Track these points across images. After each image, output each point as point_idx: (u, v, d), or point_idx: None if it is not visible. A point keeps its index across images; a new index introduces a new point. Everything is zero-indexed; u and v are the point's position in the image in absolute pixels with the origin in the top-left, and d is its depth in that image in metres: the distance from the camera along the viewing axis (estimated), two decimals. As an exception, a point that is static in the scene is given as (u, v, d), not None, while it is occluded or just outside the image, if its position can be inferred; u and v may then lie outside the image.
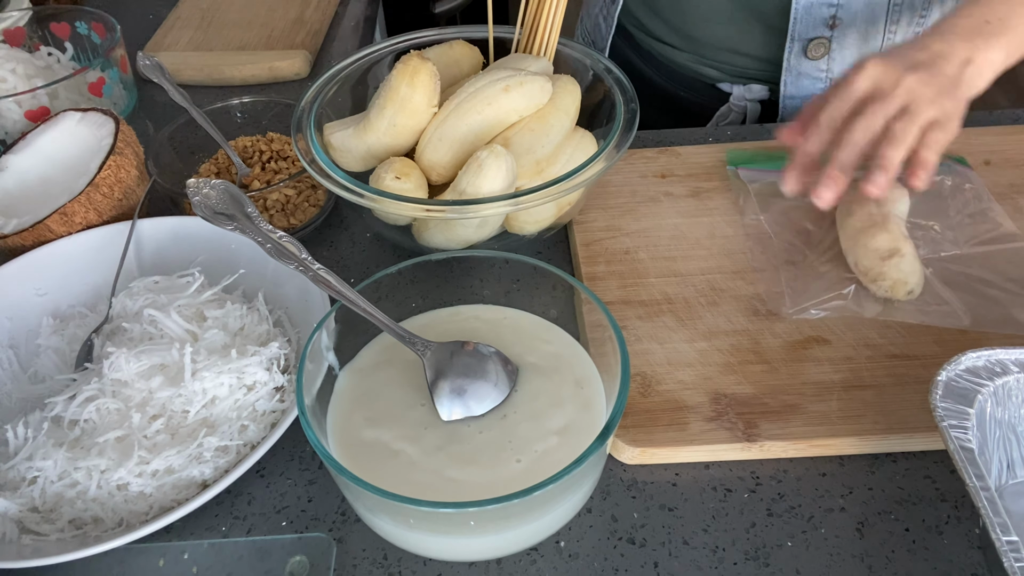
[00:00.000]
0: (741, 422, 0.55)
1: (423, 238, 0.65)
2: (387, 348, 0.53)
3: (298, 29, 1.03)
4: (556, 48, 0.70)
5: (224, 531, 0.52)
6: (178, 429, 0.53)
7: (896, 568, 0.49)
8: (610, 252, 0.68)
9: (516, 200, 0.58)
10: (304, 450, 0.57)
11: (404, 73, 0.61)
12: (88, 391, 0.54)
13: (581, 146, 0.65)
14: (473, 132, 0.62)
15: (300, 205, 0.72)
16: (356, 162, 0.66)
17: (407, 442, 0.48)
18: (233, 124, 0.80)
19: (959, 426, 0.46)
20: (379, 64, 0.74)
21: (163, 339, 0.57)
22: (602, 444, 0.43)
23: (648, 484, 0.54)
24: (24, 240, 0.65)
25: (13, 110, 0.81)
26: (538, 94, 0.63)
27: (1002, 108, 0.83)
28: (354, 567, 0.50)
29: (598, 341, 0.51)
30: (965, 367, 0.49)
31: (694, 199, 0.73)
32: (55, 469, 0.51)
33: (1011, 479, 0.49)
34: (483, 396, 0.49)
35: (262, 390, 0.55)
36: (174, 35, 1.03)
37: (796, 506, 0.52)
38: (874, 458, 0.54)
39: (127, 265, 0.65)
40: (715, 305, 0.63)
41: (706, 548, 0.50)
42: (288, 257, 0.52)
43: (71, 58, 0.92)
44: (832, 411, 0.55)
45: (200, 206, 0.56)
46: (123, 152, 0.68)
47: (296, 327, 0.61)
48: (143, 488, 0.51)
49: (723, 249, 0.68)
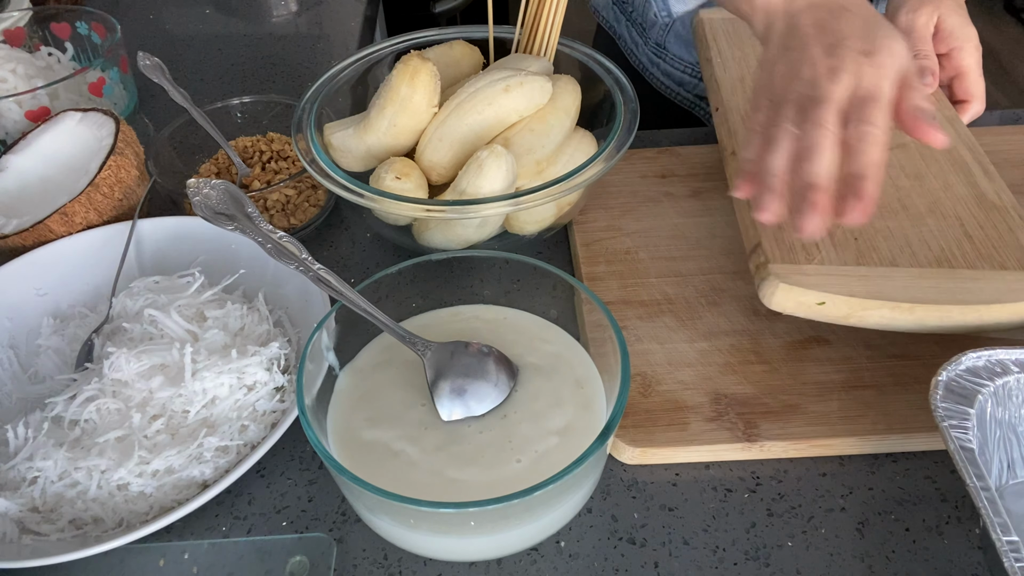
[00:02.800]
0: (741, 422, 0.55)
1: (423, 238, 0.65)
2: (387, 348, 0.53)
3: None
4: (556, 48, 0.70)
5: (224, 531, 0.52)
6: (178, 429, 0.53)
7: (896, 568, 0.49)
8: (610, 252, 0.68)
9: (516, 200, 0.58)
10: (304, 450, 0.57)
11: (404, 73, 0.61)
12: (88, 391, 0.54)
13: (581, 146, 0.65)
14: (473, 132, 0.62)
15: (300, 205, 0.72)
16: (356, 162, 0.66)
17: (407, 442, 0.48)
18: (233, 124, 0.80)
19: (959, 426, 0.46)
20: (379, 64, 0.74)
21: (163, 339, 0.57)
22: (602, 444, 0.43)
23: (648, 484, 0.54)
24: (24, 240, 0.65)
25: (13, 110, 0.81)
26: (538, 94, 0.63)
27: (1002, 108, 0.83)
28: (354, 567, 0.50)
29: (598, 341, 0.51)
30: (965, 367, 0.49)
31: (694, 199, 0.73)
32: (55, 469, 0.51)
33: (1011, 479, 0.49)
34: (483, 396, 0.49)
35: (262, 390, 0.55)
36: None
37: (796, 506, 0.52)
38: (874, 458, 0.54)
39: (127, 265, 0.65)
40: (715, 305, 0.63)
41: (706, 548, 0.50)
42: (288, 257, 0.52)
43: (71, 58, 0.92)
44: (832, 411, 0.55)
45: (200, 206, 0.56)
46: (123, 152, 0.68)
47: (296, 327, 0.61)
48: (143, 488, 0.51)
49: (723, 249, 0.68)
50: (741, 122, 0.69)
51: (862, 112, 0.50)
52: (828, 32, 0.54)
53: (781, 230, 0.58)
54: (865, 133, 0.49)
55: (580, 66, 0.71)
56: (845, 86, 0.51)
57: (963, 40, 0.71)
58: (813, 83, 0.52)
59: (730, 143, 0.68)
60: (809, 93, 0.51)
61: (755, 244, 0.58)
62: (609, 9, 1.06)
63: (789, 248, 0.57)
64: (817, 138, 0.49)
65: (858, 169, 0.48)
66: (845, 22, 0.54)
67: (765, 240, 0.57)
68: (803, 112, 0.50)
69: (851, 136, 0.49)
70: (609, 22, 1.06)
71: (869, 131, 0.49)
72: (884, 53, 0.52)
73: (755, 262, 0.57)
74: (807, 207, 0.48)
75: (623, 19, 1.03)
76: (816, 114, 0.50)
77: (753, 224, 0.59)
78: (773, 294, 0.55)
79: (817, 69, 0.52)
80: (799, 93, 0.52)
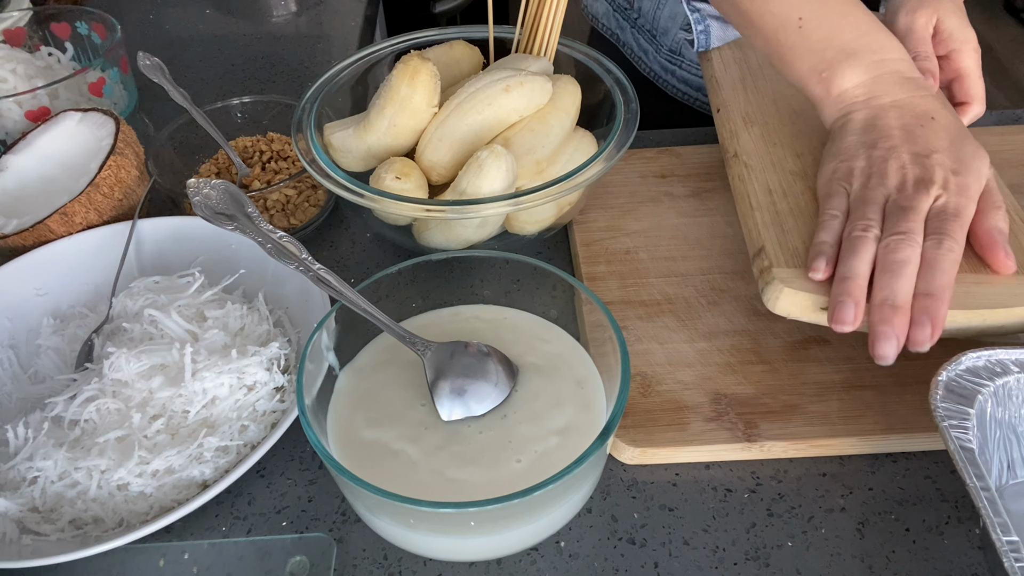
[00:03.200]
0: (741, 422, 0.55)
1: (423, 238, 0.65)
2: (387, 348, 0.53)
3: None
4: (556, 48, 0.70)
5: (224, 531, 0.52)
6: (178, 429, 0.53)
7: (896, 568, 0.49)
8: (610, 252, 0.68)
9: (516, 200, 0.58)
10: (304, 450, 0.57)
11: (404, 73, 0.61)
12: (88, 391, 0.54)
13: (581, 146, 0.65)
14: (473, 132, 0.62)
15: (300, 205, 0.72)
16: (356, 162, 0.66)
17: (407, 442, 0.48)
18: (233, 124, 0.80)
19: (959, 426, 0.46)
20: (379, 64, 0.74)
21: (163, 339, 0.57)
22: (602, 444, 0.43)
23: (648, 484, 0.54)
24: (24, 240, 0.65)
25: (13, 110, 0.81)
26: (538, 94, 0.63)
27: (1002, 108, 0.83)
28: (354, 567, 0.50)
29: (598, 341, 0.51)
30: (965, 367, 0.49)
31: (694, 199, 0.73)
32: (55, 469, 0.51)
33: (1011, 479, 0.49)
34: (483, 396, 0.49)
35: (262, 390, 0.55)
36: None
37: (796, 506, 0.52)
38: (874, 458, 0.54)
39: (127, 265, 0.65)
40: (715, 305, 0.63)
41: (706, 548, 0.50)
42: (288, 257, 0.52)
43: (71, 58, 0.92)
44: (832, 411, 0.55)
45: (200, 206, 0.56)
46: (123, 152, 0.68)
47: (296, 327, 0.61)
48: (143, 488, 0.51)
49: (723, 249, 0.68)
50: (742, 123, 0.69)
51: (945, 227, 0.52)
52: (916, 140, 0.56)
53: (784, 233, 0.58)
54: (948, 250, 0.51)
55: (580, 66, 0.71)
56: (932, 200, 0.53)
57: (962, 42, 0.71)
58: (902, 190, 0.54)
59: (732, 145, 0.68)
60: (900, 202, 0.53)
61: (758, 248, 0.58)
62: (611, 17, 1.03)
63: (792, 252, 0.57)
64: (906, 253, 0.51)
65: (935, 290, 0.50)
66: (932, 133, 0.56)
67: (768, 244, 0.57)
68: (891, 219, 0.52)
69: (931, 251, 0.51)
70: (611, 29, 1.04)
71: (952, 248, 0.51)
72: (971, 175, 0.54)
73: (759, 266, 0.57)
74: (887, 330, 0.50)
75: (628, 27, 1.00)
76: (906, 225, 0.52)
77: (756, 227, 0.59)
78: (777, 299, 0.55)
79: (906, 177, 0.54)
80: (887, 199, 0.54)
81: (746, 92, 0.73)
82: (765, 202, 0.61)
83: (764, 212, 0.60)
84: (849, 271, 0.52)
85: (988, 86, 0.74)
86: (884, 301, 0.50)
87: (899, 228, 0.52)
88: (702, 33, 0.86)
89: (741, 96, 0.72)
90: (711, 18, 0.85)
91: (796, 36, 0.60)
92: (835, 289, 0.52)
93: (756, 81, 0.74)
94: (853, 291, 0.51)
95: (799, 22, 0.60)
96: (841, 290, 0.51)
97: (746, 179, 0.64)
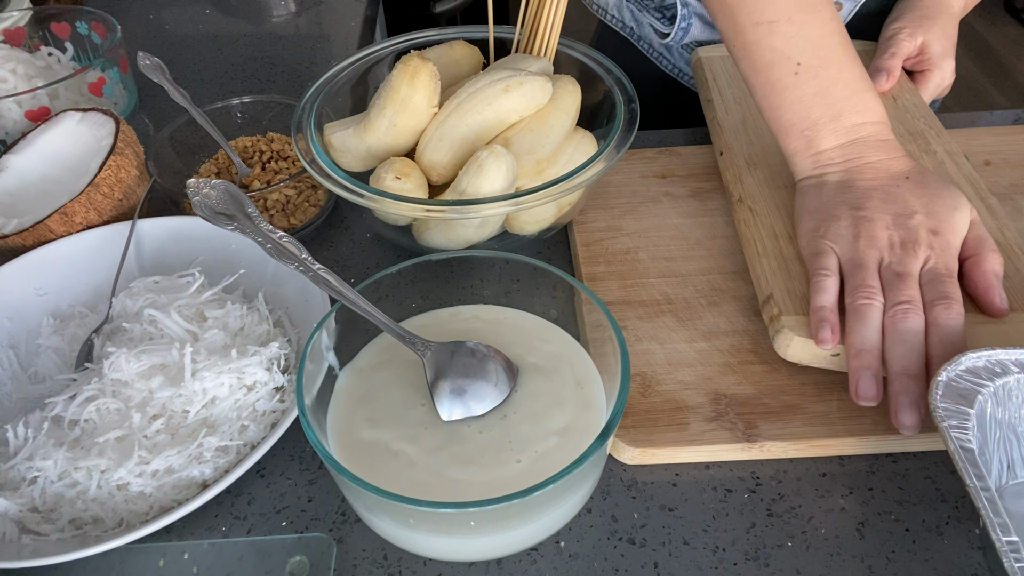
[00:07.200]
0: (741, 422, 0.55)
1: (423, 238, 0.65)
2: (387, 348, 0.53)
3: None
4: (556, 48, 0.70)
5: (224, 531, 0.52)
6: (178, 429, 0.53)
7: (896, 568, 0.49)
8: (610, 252, 0.68)
9: (516, 200, 0.58)
10: (304, 450, 0.57)
11: (404, 73, 0.61)
12: (88, 391, 0.54)
13: (581, 146, 0.65)
14: (473, 132, 0.62)
15: (300, 205, 0.72)
16: (356, 162, 0.66)
17: (407, 442, 0.48)
18: (233, 124, 0.80)
19: (959, 426, 0.46)
20: (379, 64, 0.74)
21: (163, 339, 0.57)
22: (602, 444, 0.43)
23: (648, 484, 0.54)
24: (24, 240, 0.65)
25: (13, 110, 0.81)
26: (538, 94, 0.63)
27: (1002, 108, 0.83)
28: (354, 567, 0.50)
29: (598, 341, 0.51)
30: (965, 367, 0.49)
31: (694, 199, 0.73)
32: (55, 469, 0.51)
33: (1011, 479, 0.49)
34: (483, 396, 0.49)
35: (262, 390, 0.55)
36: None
37: (796, 506, 0.52)
38: (874, 458, 0.54)
39: (127, 265, 0.65)
40: (715, 305, 0.63)
41: (706, 548, 0.50)
42: (288, 257, 0.52)
43: (71, 58, 0.92)
44: (832, 411, 0.55)
45: (200, 206, 0.56)
46: (123, 152, 0.68)
47: (296, 327, 0.61)
48: (143, 488, 0.51)
49: (723, 249, 0.68)
50: (745, 166, 0.70)
51: (946, 289, 0.53)
52: (895, 200, 0.58)
53: (792, 279, 0.59)
54: (958, 314, 0.53)
55: (580, 66, 0.71)
56: (922, 262, 0.55)
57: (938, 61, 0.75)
58: (892, 253, 0.55)
59: (736, 189, 0.68)
60: (894, 268, 0.55)
61: (767, 296, 0.59)
62: (624, 9, 0.96)
63: (801, 299, 0.57)
64: (914, 322, 0.52)
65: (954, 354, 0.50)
66: (909, 192, 0.58)
67: (776, 292, 0.58)
68: (891, 288, 0.54)
69: (942, 317, 0.52)
70: (624, 23, 0.97)
71: (960, 311, 0.53)
72: (950, 232, 0.56)
73: (768, 313, 0.58)
74: (907, 400, 0.51)
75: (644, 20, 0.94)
76: (907, 293, 0.53)
77: (764, 275, 0.60)
78: (788, 346, 0.56)
79: (893, 240, 0.56)
80: (880, 261, 0.55)
81: (748, 134, 0.73)
82: (771, 248, 0.62)
83: (771, 259, 0.61)
84: (863, 343, 0.53)
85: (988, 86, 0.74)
86: (903, 372, 0.51)
87: (902, 297, 0.53)
88: (682, 29, 0.85)
89: (743, 139, 0.73)
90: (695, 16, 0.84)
91: (790, 79, 0.60)
92: (853, 363, 0.53)
93: (758, 122, 0.74)
94: (872, 364, 0.52)
95: (796, 67, 0.60)
96: (860, 364, 0.52)
97: (751, 224, 0.64)
